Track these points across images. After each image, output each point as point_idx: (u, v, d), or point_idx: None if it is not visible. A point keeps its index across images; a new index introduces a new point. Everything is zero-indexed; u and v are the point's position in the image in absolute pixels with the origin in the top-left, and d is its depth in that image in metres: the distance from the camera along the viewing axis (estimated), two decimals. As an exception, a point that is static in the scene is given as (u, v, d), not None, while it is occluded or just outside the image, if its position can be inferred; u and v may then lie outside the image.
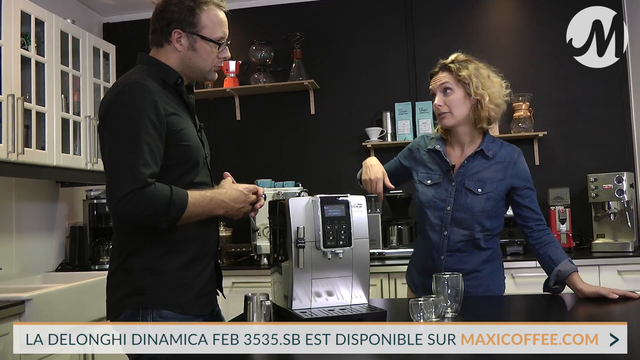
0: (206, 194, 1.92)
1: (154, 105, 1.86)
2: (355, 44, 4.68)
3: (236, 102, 4.77)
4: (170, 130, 1.89)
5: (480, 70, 2.38)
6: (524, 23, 4.51)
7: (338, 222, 1.94)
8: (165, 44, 2.02)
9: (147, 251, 1.91)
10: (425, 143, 2.53)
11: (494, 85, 2.38)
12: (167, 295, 1.90)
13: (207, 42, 2.00)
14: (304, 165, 4.61)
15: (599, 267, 3.64)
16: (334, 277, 1.99)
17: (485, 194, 2.36)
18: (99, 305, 3.22)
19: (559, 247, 2.36)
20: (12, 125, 3.12)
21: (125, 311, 1.92)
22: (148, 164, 1.81)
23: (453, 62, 2.40)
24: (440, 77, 2.42)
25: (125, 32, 4.85)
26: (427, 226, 2.43)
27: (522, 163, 2.43)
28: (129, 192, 1.77)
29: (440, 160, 2.44)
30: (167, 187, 1.83)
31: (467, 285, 2.32)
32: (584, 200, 4.01)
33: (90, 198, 4.22)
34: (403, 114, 4.44)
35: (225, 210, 1.96)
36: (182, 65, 2.02)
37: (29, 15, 3.39)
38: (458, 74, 2.36)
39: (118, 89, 1.92)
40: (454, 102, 2.37)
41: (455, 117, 2.38)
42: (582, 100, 4.35)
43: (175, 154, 1.91)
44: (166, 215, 1.81)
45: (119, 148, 1.85)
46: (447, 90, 2.38)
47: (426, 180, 2.45)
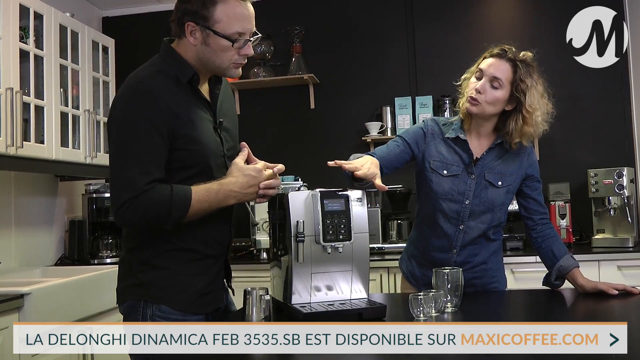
0: (212, 186, 1.85)
1: (157, 109, 1.80)
2: (355, 38, 4.66)
3: (236, 96, 4.75)
4: (176, 134, 1.83)
5: (538, 86, 2.23)
6: (525, 18, 4.49)
7: (338, 217, 1.93)
8: (183, 37, 1.90)
9: (150, 246, 1.90)
10: (440, 130, 2.36)
11: (544, 107, 2.25)
12: (166, 292, 1.89)
13: (221, 38, 1.85)
14: (304, 159, 4.59)
15: (599, 263, 3.65)
16: (334, 272, 1.98)
17: (505, 187, 2.31)
18: (98, 299, 3.26)
19: (561, 242, 2.36)
20: (10, 118, 3.11)
21: (129, 300, 1.92)
22: (147, 171, 1.78)
23: (523, 62, 2.23)
24: (497, 65, 2.23)
25: (125, 26, 4.83)
26: (440, 217, 2.32)
27: (534, 155, 2.39)
28: (127, 201, 1.76)
29: (462, 150, 2.32)
30: (166, 188, 1.79)
31: (475, 277, 2.33)
32: (584, 195, 4.01)
33: (90, 192, 4.21)
34: (403, 109, 4.43)
35: (237, 199, 1.90)
36: (198, 60, 1.90)
37: (28, 9, 3.37)
38: (520, 78, 2.20)
39: (123, 89, 1.87)
40: (494, 98, 2.22)
41: (483, 110, 2.23)
42: (583, 96, 4.34)
43: (181, 157, 1.86)
44: (168, 216, 1.79)
45: (119, 154, 1.82)
46: (496, 84, 2.21)
47: (442, 170, 2.31)
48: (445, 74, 3.67)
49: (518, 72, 2.21)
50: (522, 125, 2.22)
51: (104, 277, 3.37)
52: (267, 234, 3.89)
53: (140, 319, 1.87)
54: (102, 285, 3.32)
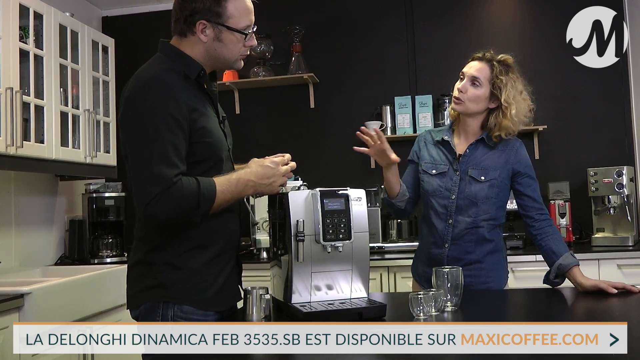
0: (231, 177, 1.88)
1: (175, 103, 1.82)
2: (355, 38, 4.66)
3: (235, 95, 4.76)
4: (193, 128, 1.85)
5: (517, 84, 2.41)
6: (525, 16, 4.49)
7: (338, 216, 1.93)
8: (189, 35, 1.94)
9: (170, 246, 1.89)
10: (431, 137, 2.56)
11: (522, 102, 2.41)
12: (189, 291, 1.88)
13: (234, 33, 1.92)
14: (304, 158, 4.56)
15: (599, 261, 3.65)
16: (334, 271, 1.98)
17: (488, 181, 2.40)
18: (98, 299, 3.26)
19: (560, 239, 2.38)
20: (10, 118, 3.11)
21: (146, 303, 1.89)
22: (174, 164, 1.78)
23: (500, 62, 2.42)
24: (477, 66, 2.43)
25: (125, 26, 4.84)
26: (432, 214, 2.47)
27: (524, 151, 2.47)
28: (156, 195, 1.75)
29: (447, 150, 2.48)
30: (194, 181, 1.80)
31: (468, 275, 2.35)
32: (584, 194, 4.01)
33: (90, 192, 4.21)
34: (403, 108, 4.43)
35: (254, 189, 1.92)
36: (206, 56, 1.96)
37: (28, 8, 3.37)
38: (498, 76, 2.38)
39: (138, 85, 1.87)
40: (476, 97, 2.40)
41: (466, 109, 2.42)
42: (583, 94, 4.34)
43: (198, 151, 1.88)
44: (197, 209, 1.80)
45: (143, 149, 1.81)
46: (476, 82, 2.40)
47: (431, 169, 2.49)
48: (445, 73, 3.68)
49: (494, 70, 2.40)
50: (502, 119, 2.39)
51: (104, 277, 3.37)
52: (267, 233, 3.88)
53: (160, 321, 1.86)
54: (102, 285, 3.32)
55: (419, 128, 4.33)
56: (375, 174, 4.40)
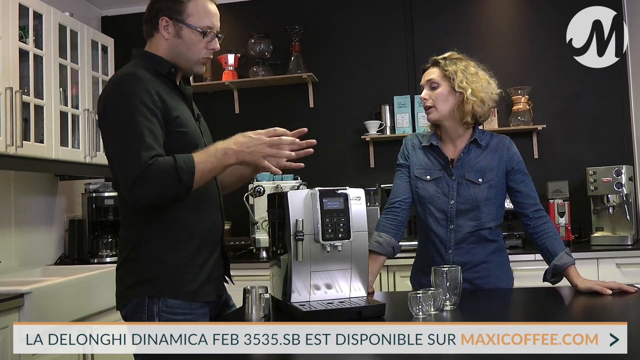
0: (209, 148, 1.91)
1: (148, 93, 1.88)
2: (354, 37, 4.66)
3: (235, 95, 4.76)
4: (168, 117, 1.92)
5: (469, 68, 2.42)
6: (524, 16, 4.49)
7: (337, 215, 1.94)
8: (154, 33, 2.06)
9: (152, 241, 1.93)
10: (419, 141, 2.53)
11: (479, 81, 2.40)
12: (173, 285, 1.92)
13: (193, 31, 2.01)
14: (303, 158, 4.59)
15: (598, 261, 3.65)
16: (333, 270, 1.99)
17: (486, 183, 2.40)
18: (98, 298, 3.26)
19: (557, 238, 2.37)
20: (10, 118, 3.11)
21: (132, 300, 1.93)
22: (150, 147, 1.82)
23: (444, 58, 2.45)
24: (429, 72, 2.47)
25: (124, 25, 4.82)
26: (431, 221, 2.44)
27: (514, 148, 2.48)
28: (137, 178, 1.78)
29: (438, 155, 2.46)
30: (170, 157, 1.83)
31: (478, 276, 2.37)
32: (583, 193, 4.01)
33: (89, 191, 4.21)
34: (402, 107, 4.43)
35: (236, 157, 1.88)
36: (170, 54, 2.04)
37: (27, 8, 3.37)
38: (445, 69, 2.41)
39: (112, 82, 1.96)
40: (439, 96, 2.41)
41: (440, 112, 2.42)
42: (582, 94, 4.35)
43: (175, 140, 1.93)
44: (179, 182, 1.81)
45: (120, 137, 1.87)
46: (434, 85, 2.43)
47: (425, 175, 2.46)
48: (445, 73, 3.67)
49: (442, 66, 2.44)
50: (465, 104, 2.39)
51: (104, 277, 3.37)
52: (266, 232, 3.89)
53: (146, 318, 1.89)
54: (102, 284, 3.32)
55: (418, 127, 4.33)
56: (374, 173, 4.41)
